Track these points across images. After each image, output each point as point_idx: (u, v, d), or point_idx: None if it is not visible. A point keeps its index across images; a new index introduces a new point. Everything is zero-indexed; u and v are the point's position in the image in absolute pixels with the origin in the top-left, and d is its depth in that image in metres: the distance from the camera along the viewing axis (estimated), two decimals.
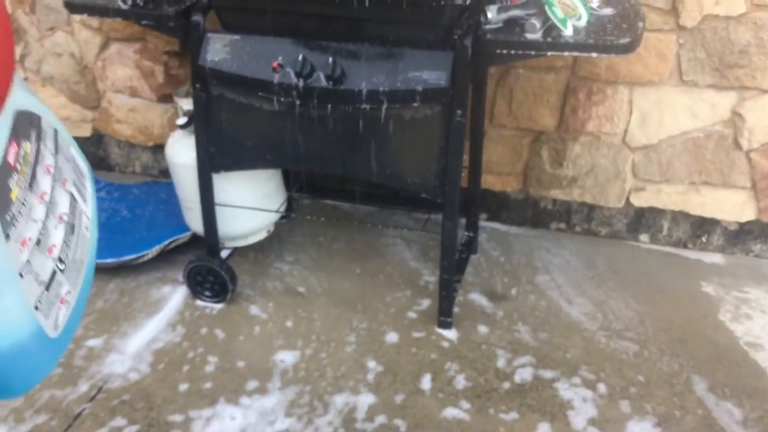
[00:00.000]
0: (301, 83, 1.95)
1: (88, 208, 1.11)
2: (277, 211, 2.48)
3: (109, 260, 2.51)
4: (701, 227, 2.68)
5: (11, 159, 0.89)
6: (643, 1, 2.29)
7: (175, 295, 2.45)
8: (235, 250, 2.52)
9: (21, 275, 0.90)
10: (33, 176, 0.94)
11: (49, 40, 2.98)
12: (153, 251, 2.53)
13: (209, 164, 2.20)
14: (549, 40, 1.83)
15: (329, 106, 1.98)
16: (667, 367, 2.14)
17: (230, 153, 2.17)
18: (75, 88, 3.05)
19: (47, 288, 0.95)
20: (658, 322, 2.33)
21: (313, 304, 2.40)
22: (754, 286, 2.52)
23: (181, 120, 2.29)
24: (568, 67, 2.51)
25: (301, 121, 2.02)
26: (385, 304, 2.39)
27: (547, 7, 1.86)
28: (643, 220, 2.72)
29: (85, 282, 1.07)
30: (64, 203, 1.02)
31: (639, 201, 2.68)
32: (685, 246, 2.73)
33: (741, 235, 2.65)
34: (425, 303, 2.40)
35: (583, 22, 1.89)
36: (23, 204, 0.91)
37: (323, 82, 1.95)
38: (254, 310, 2.37)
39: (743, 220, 2.62)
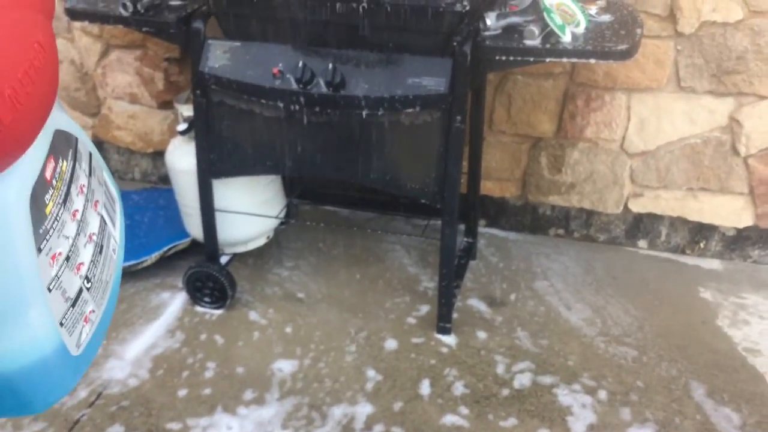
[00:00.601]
0: (301, 89, 1.96)
1: (117, 232, 1.13)
2: (276, 217, 2.48)
3: None
4: (699, 233, 2.69)
5: (48, 174, 0.91)
6: (640, 8, 2.31)
7: (174, 301, 2.45)
8: (235, 256, 2.53)
9: (49, 290, 0.91)
10: (67, 193, 0.96)
11: None
12: (152, 257, 2.53)
13: (209, 170, 2.21)
14: (548, 46, 1.84)
15: (329, 112, 1.99)
16: (665, 372, 2.15)
17: (230, 159, 2.17)
18: (75, 95, 3.06)
19: (73, 305, 0.96)
20: (657, 327, 2.33)
21: (313, 310, 2.40)
22: (752, 291, 2.52)
23: (182, 126, 2.29)
24: (566, 74, 2.52)
25: (301, 127, 2.03)
26: (385, 310, 2.40)
27: (545, 14, 1.87)
28: (641, 226, 2.73)
29: (109, 304, 1.08)
30: (94, 224, 1.03)
31: (637, 207, 2.69)
32: (683, 252, 2.73)
33: (739, 241, 2.66)
34: (424, 309, 2.40)
35: (581, 29, 1.90)
36: (56, 219, 0.93)
37: (323, 89, 1.96)
38: (253, 315, 2.37)
39: (741, 225, 2.62)
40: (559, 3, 1.90)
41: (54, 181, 0.93)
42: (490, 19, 1.89)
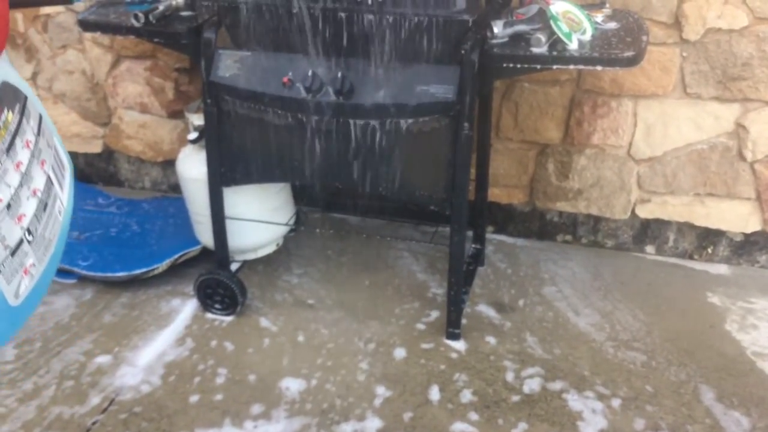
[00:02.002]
0: (310, 98, 1.99)
1: (64, 196, 1.15)
2: (286, 224, 2.51)
3: (120, 274, 2.53)
4: (707, 238, 2.70)
5: None
6: (646, 16, 2.33)
7: (185, 308, 2.47)
8: (245, 263, 2.55)
9: None
10: (12, 143, 0.98)
11: (61, 58, 3.03)
12: (163, 265, 2.55)
13: (220, 178, 2.23)
14: (555, 53, 1.86)
15: (338, 120, 2.01)
16: (674, 377, 2.16)
17: (241, 167, 2.20)
18: (86, 105, 3.10)
19: (12, 254, 0.97)
20: (665, 332, 2.34)
21: (322, 317, 2.42)
22: (760, 296, 2.53)
23: (192, 135, 2.32)
24: (572, 81, 2.54)
25: (310, 135, 2.05)
26: (394, 316, 2.41)
27: (552, 22, 1.89)
28: (648, 231, 2.74)
29: (51, 263, 1.09)
30: (39, 180, 1.05)
31: (644, 213, 2.70)
32: (690, 257, 2.74)
33: (746, 246, 2.67)
34: (433, 315, 2.42)
35: (587, 36, 1.92)
36: None
37: (332, 97, 1.98)
38: (264, 322, 2.39)
39: (748, 230, 2.63)
40: (566, 11, 1.92)
41: None
42: (498, 28, 1.91)
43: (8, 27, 0.97)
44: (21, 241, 0.99)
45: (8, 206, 0.96)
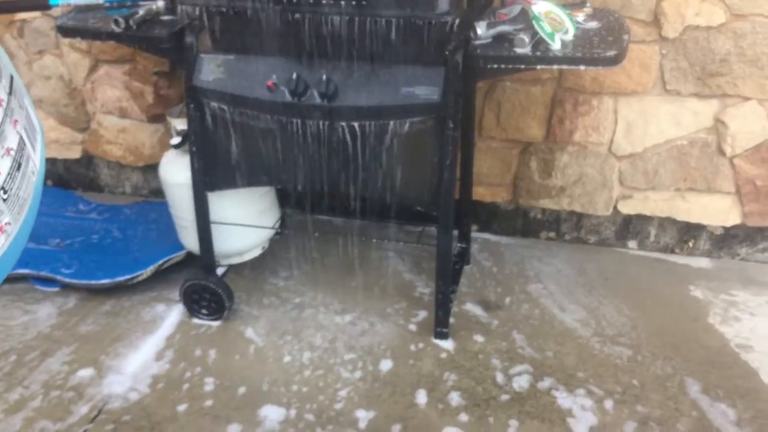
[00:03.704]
0: (295, 101, 1.98)
1: (37, 158, 1.14)
2: (272, 228, 2.50)
3: (104, 281, 2.51)
4: (688, 232, 2.73)
5: None
6: (625, 14, 2.35)
7: (171, 314, 2.45)
8: (231, 268, 2.54)
9: None
10: None
11: (38, 64, 2.98)
12: (148, 271, 2.53)
13: (204, 183, 2.22)
14: (538, 53, 1.87)
15: (323, 123, 2.01)
16: (660, 370, 2.18)
17: (225, 172, 2.19)
18: (64, 110, 3.06)
19: None
20: (650, 326, 2.37)
21: (310, 319, 2.41)
22: (741, 288, 2.57)
23: (175, 140, 2.30)
24: (554, 79, 2.56)
25: (295, 138, 2.05)
26: (382, 317, 2.42)
27: (534, 22, 1.90)
28: (630, 227, 2.78)
29: (24, 224, 1.09)
30: (12, 140, 1.04)
31: (626, 208, 2.73)
32: (672, 251, 2.78)
33: (727, 239, 2.71)
34: (421, 314, 2.43)
35: (570, 36, 1.93)
36: None
37: (317, 100, 1.97)
38: (250, 327, 2.38)
39: (728, 224, 2.67)
40: (548, 11, 1.93)
41: None
42: (481, 29, 1.92)
43: None
44: None
45: None
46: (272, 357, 2.24)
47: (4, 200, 1.01)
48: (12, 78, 1.09)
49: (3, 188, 1.00)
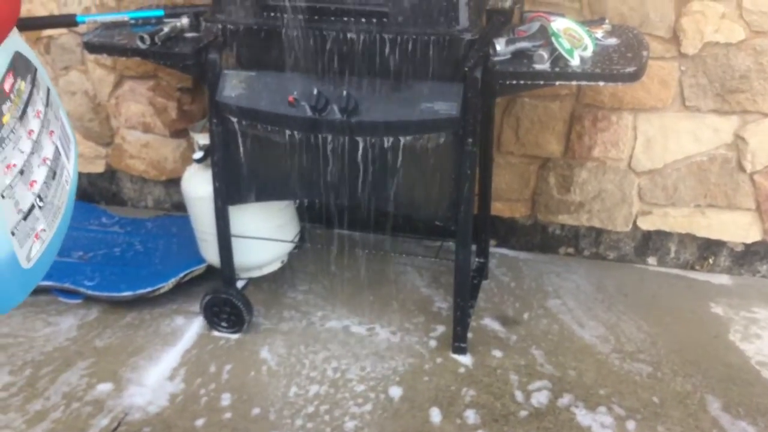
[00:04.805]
0: (316, 116, 2.01)
1: (71, 167, 1.18)
2: (291, 242, 2.52)
3: (126, 293, 2.54)
4: (708, 249, 2.72)
5: (7, 87, 0.96)
6: (644, 31, 2.36)
7: (191, 327, 2.48)
8: (250, 281, 2.56)
9: (2, 197, 0.95)
10: (24, 112, 1.01)
11: (64, 79, 3.04)
12: (169, 284, 2.56)
13: (225, 197, 2.25)
14: (557, 70, 1.88)
15: (343, 137, 2.03)
16: (680, 387, 2.17)
17: (246, 186, 2.21)
18: (89, 125, 3.11)
19: (25, 218, 1.00)
20: (670, 343, 2.36)
21: (328, 333, 2.42)
22: (762, 306, 2.55)
23: (198, 154, 2.34)
24: (572, 95, 2.57)
25: (316, 153, 2.07)
26: (399, 331, 2.42)
27: (553, 39, 1.92)
28: (650, 243, 2.77)
29: (59, 231, 1.12)
30: (49, 150, 1.08)
31: (646, 224, 2.72)
32: (692, 268, 2.76)
33: (747, 256, 2.69)
34: (439, 329, 2.43)
35: (589, 52, 1.95)
36: (12, 132, 0.97)
37: (337, 115, 2.00)
38: (269, 340, 2.40)
39: (749, 241, 2.66)
40: (567, 28, 1.95)
41: (12, 96, 0.97)
42: (500, 45, 1.94)
43: (20, 1, 1.00)
44: (32, 207, 1.02)
45: (21, 172, 0.99)
46: (290, 364, 2.25)
47: (40, 208, 1.04)
48: (48, 90, 1.13)
49: (39, 196, 1.04)
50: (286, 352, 2.34)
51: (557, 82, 1.93)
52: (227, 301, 2.37)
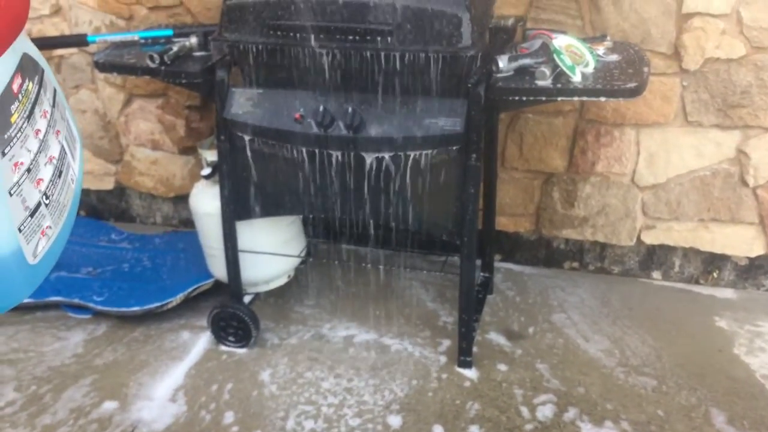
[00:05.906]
0: (322, 132, 2.04)
1: (76, 167, 1.21)
2: (298, 256, 2.54)
3: (135, 308, 2.57)
4: (712, 263, 2.73)
5: (15, 88, 0.99)
6: (646, 47, 2.39)
7: (199, 341, 2.50)
8: (257, 295, 2.58)
9: (10, 194, 0.98)
10: (32, 112, 1.05)
11: (74, 98, 3.09)
12: (177, 299, 2.59)
13: (233, 212, 2.28)
14: (559, 86, 1.91)
15: (349, 153, 2.06)
16: (685, 401, 2.18)
17: (254, 201, 2.25)
18: (99, 143, 3.16)
19: (32, 215, 1.03)
20: (675, 357, 2.36)
21: (334, 347, 2.44)
22: (767, 319, 2.55)
23: (206, 171, 2.37)
24: (575, 111, 2.60)
25: (322, 168, 2.11)
26: (405, 346, 2.44)
27: (555, 56, 1.95)
28: (654, 257, 2.78)
29: (64, 228, 1.15)
30: (55, 149, 1.11)
31: (650, 239, 2.74)
32: (697, 282, 2.77)
33: (751, 270, 2.70)
34: (445, 343, 2.44)
35: (590, 69, 1.98)
36: (20, 131, 1.00)
37: (343, 131, 2.03)
38: (276, 354, 2.42)
39: (753, 255, 2.67)
40: (568, 44, 1.98)
41: (20, 96, 1.01)
42: (503, 62, 1.97)
43: (29, 2, 1.04)
44: (39, 204, 1.05)
45: (28, 170, 1.02)
46: (297, 378, 2.27)
47: (46, 205, 1.08)
48: (55, 91, 1.16)
49: (45, 194, 1.07)
50: (294, 357, 2.36)
51: (559, 98, 1.95)
52: (234, 315, 2.40)
